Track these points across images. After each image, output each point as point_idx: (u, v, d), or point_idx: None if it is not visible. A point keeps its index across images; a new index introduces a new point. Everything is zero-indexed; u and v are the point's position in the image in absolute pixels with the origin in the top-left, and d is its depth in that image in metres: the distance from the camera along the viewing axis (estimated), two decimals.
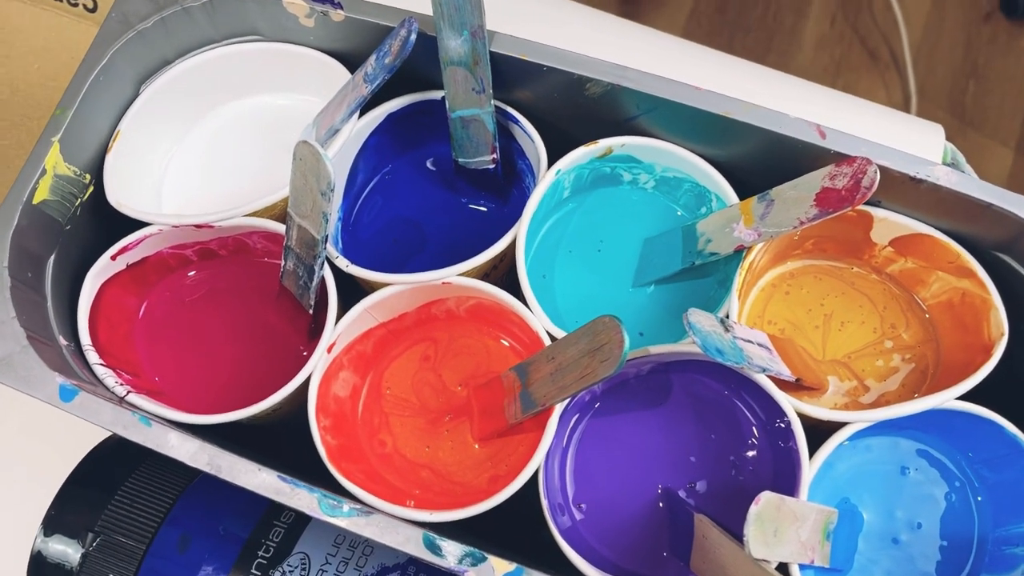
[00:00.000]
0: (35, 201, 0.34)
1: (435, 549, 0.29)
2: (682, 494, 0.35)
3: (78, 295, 0.35)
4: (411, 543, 0.29)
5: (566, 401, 0.34)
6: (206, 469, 0.29)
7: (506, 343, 0.38)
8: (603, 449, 0.36)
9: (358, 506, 0.29)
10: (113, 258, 0.36)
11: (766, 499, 0.29)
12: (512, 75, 0.36)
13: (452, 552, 0.29)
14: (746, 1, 1.37)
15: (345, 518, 0.29)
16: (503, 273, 0.38)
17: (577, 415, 0.36)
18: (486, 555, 0.29)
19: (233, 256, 0.39)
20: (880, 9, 1.34)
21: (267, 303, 0.38)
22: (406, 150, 0.41)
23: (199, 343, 0.38)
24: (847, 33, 1.35)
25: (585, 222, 0.40)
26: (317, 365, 0.34)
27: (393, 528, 0.29)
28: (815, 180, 0.33)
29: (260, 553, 0.33)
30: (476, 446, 0.37)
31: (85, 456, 0.37)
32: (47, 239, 0.35)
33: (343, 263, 0.35)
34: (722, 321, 0.32)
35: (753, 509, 0.28)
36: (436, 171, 0.41)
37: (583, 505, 0.36)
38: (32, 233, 0.34)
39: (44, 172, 0.34)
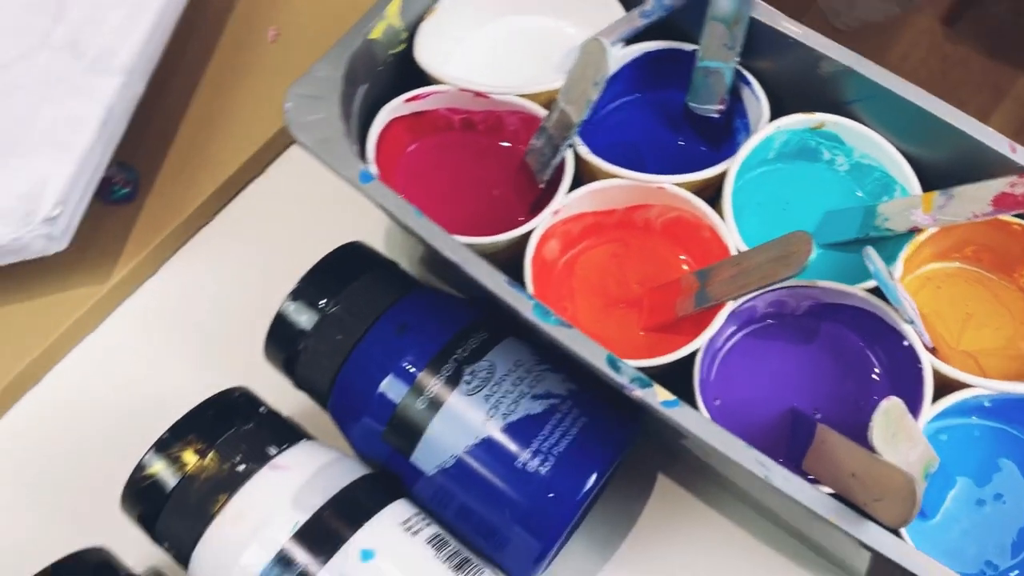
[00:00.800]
0: (370, 36, 0.43)
1: (615, 366, 0.36)
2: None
3: (369, 124, 0.44)
4: (597, 357, 0.36)
5: (736, 302, 0.40)
6: (452, 257, 0.38)
7: (686, 268, 0.45)
8: (747, 363, 0.43)
9: (563, 320, 0.37)
10: (406, 101, 0.45)
11: (895, 401, 0.34)
12: (758, 40, 0.43)
13: (627, 372, 0.36)
14: None
15: (551, 325, 0.37)
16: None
17: (735, 327, 0.43)
18: (652, 382, 0.36)
19: (487, 133, 0.47)
20: None
21: (503, 176, 0.47)
22: (648, 86, 0.48)
23: (442, 191, 0.46)
24: None
25: (779, 185, 0.46)
26: (542, 222, 0.42)
27: (584, 342, 0.36)
28: (997, 185, 0.39)
29: (457, 352, 0.41)
30: (641, 333, 0.44)
31: (332, 251, 0.45)
32: (365, 71, 0.44)
33: (584, 150, 0.43)
34: (890, 272, 0.38)
35: (883, 404, 0.34)
36: (665, 110, 0.48)
37: (719, 401, 0.42)
38: (360, 61, 0.43)
39: (383, 17, 0.43)
